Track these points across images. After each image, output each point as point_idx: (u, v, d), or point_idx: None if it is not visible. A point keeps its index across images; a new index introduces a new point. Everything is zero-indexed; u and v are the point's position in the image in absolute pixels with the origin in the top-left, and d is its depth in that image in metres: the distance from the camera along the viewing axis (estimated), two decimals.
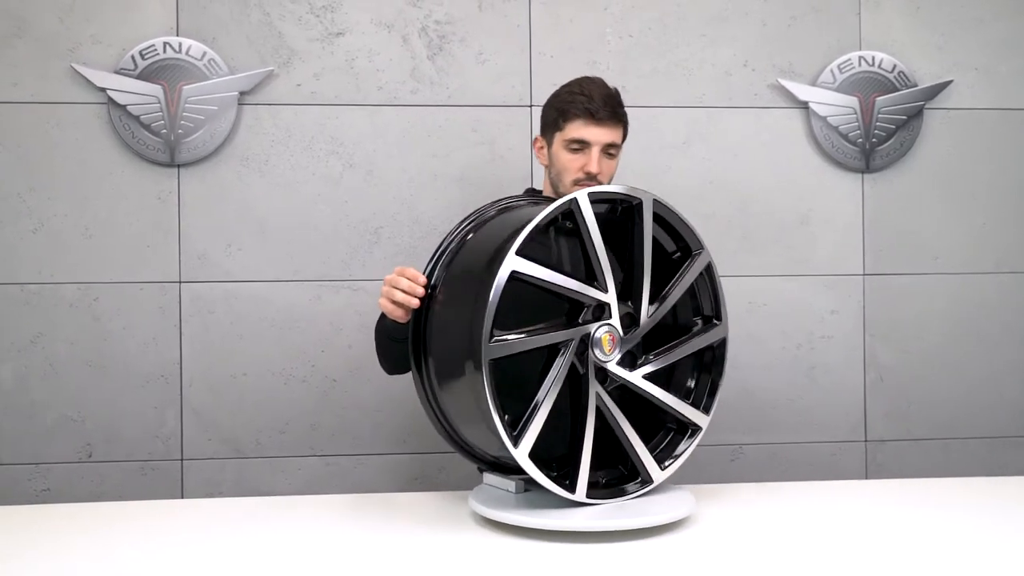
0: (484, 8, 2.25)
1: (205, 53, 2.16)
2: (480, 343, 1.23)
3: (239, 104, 2.17)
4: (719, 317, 1.47)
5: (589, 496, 1.33)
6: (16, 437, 2.13)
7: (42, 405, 2.14)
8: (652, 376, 1.39)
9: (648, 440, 1.41)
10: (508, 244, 1.27)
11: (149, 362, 2.16)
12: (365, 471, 2.22)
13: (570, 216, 1.33)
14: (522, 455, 1.27)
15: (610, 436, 1.36)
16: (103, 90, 2.13)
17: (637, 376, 1.38)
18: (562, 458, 1.35)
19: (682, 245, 1.45)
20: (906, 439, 2.35)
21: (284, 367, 2.19)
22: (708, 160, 2.30)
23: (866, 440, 2.34)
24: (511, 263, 1.26)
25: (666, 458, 1.42)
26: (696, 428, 1.44)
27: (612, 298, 1.35)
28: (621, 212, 1.40)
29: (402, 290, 1.41)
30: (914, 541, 1.28)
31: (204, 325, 2.17)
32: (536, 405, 1.28)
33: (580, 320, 1.34)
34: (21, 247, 2.13)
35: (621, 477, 1.40)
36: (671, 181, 2.26)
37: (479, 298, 1.25)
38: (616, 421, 1.35)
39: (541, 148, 1.74)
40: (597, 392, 1.33)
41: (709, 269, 1.46)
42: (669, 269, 1.44)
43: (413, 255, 2.20)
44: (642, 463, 1.38)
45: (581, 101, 1.63)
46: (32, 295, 2.13)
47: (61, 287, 2.14)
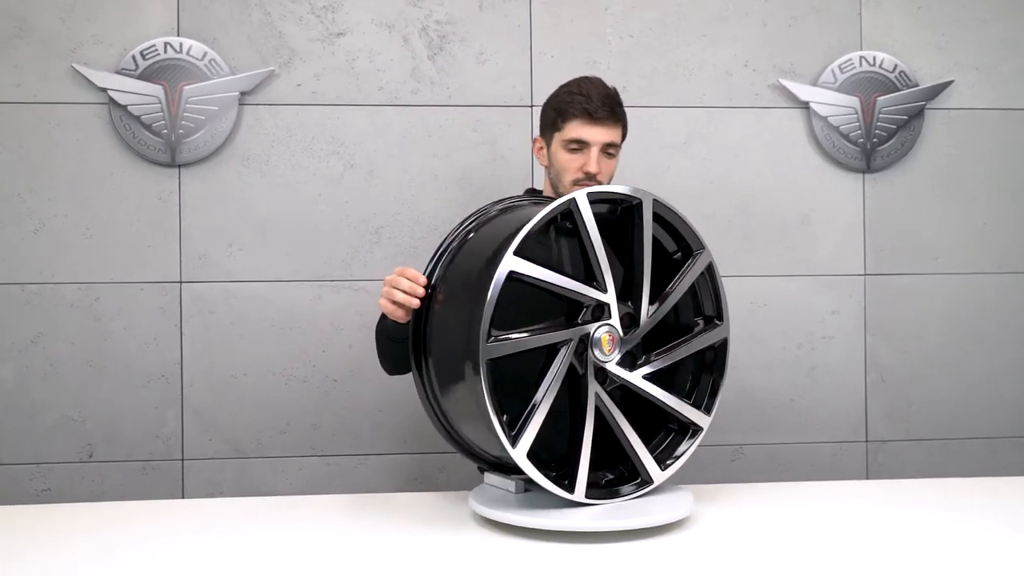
0: (484, 8, 2.25)
1: (206, 53, 2.16)
2: (478, 343, 1.23)
3: (240, 104, 2.17)
4: (721, 317, 1.47)
5: (588, 496, 1.33)
6: (17, 437, 2.13)
7: (43, 405, 2.14)
8: (654, 376, 1.39)
9: (649, 440, 1.41)
10: (506, 244, 1.27)
11: (150, 362, 2.16)
12: (366, 471, 2.22)
13: (569, 216, 1.33)
14: (520, 455, 1.27)
15: (610, 436, 1.36)
16: (104, 90, 2.13)
17: (637, 376, 1.37)
18: (562, 458, 1.35)
19: (683, 245, 1.45)
20: (907, 439, 2.35)
21: (285, 367, 2.19)
22: (709, 160, 2.30)
23: (867, 440, 2.34)
24: (509, 263, 1.26)
25: (667, 458, 1.42)
26: (697, 428, 1.44)
27: (612, 298, 1.35)
28: (621, 212, 1.40)
29: (402, 290, 1.41)
30: (915, 541, 1.28)
31: (205, 325, 2.18)
32: (534, 405, 1.28)
33: (579, 320, 1.34)
34: (22, 247, 2.13)
35: (621, 477, 1.40)
36: (671, 181, 2.26)
37: (478, 298, 1.25)
38: (616, 421, 1.35)
39: (540, 148, 1.74)
40: (596, 392, 1.33)
41: (710, 269, 1.46)
42: (670, 269, 1.44)
43: (413, 255, 2.20)
44: (642, 463, 1.38)
45: (579, 101, 1.63)
46: (33, 295, 2.14)
47: (62, 287, 2.14)
